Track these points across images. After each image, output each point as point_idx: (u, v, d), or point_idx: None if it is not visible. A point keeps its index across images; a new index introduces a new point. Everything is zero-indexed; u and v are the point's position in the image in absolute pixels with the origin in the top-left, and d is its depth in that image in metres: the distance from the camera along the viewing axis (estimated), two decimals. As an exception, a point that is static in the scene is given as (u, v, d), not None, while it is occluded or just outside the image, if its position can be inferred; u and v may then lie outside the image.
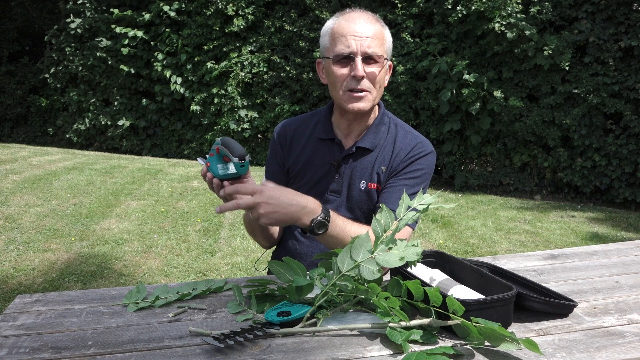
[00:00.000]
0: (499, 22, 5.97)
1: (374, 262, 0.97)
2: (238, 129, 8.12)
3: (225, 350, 0.90)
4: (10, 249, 3.83)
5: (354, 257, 0.98)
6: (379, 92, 1.40)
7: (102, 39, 8.87)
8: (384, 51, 1.38)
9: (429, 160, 1.45)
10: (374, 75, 1.36)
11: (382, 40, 1.37)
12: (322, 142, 1.49)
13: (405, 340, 0.90)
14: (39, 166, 7.10)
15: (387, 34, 1.41)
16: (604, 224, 5.13)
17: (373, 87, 1.37)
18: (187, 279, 3.42)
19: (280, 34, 7.93)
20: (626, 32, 5.82)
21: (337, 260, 0.99)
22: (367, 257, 0.97)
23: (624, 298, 1.15)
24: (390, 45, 1.42)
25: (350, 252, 0.98)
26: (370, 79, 1.36)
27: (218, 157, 1.19)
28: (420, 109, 6.85)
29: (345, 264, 0.98)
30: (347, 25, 1.35)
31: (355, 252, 0.98)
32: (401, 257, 0.97)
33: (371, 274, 0.96)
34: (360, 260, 0.97)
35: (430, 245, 4.28)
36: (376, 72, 1.36)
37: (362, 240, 0.99)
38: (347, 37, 1.34)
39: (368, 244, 0.99)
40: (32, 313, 1.08)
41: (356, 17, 1.37)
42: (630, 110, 5.81)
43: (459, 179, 6.70)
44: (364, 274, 0.96)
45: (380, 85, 1.40)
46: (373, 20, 1.38)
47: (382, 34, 1.38)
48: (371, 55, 1.34)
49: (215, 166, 1.19)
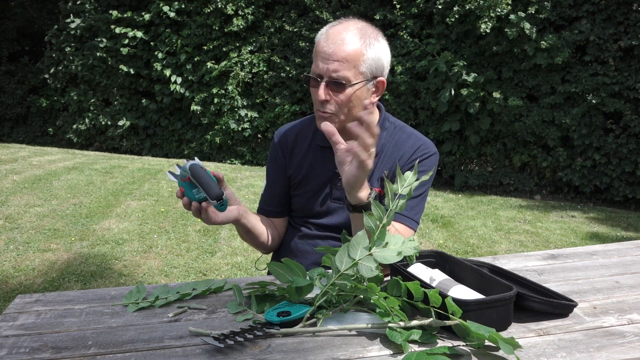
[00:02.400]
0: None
1: (372, 260, 0.97)
2: (238, 129, 8.12)
3: (225, 350, 0.90)
4: (10, 249, 3.83)
5: (352, 255, 0.98)
6: (348, 114, 1.34)
7: (102, 39, 8.87)
8: (357, 73, 1.30)
9: (433, 161, 1.45)
10: (338, 100, 1.31)
11: (355, 62, 1.29)
12: (323, 149, 1.47)
13: (405, 340, 0.90)
14: (39, 166, 7.10)
15: (370, 52, 1.31)
16: (604, 224, 5.13)
17: (340, 110, 1.33)
18: (187, 279, 3.42)
19: (280, 34, 7.93)
20: (626, 32, 5.82)
21: (336, 259, 0.99)
22: (365, 255, 0.97)
23: (624, 298, 1.15)
24: (374, 63, 1.32)
25: (348, 250, 0.99)
26: (336, 103, 1.32)
27: (191, 184, 1.17)
28: (419, 109, 6.85)
29: (343, 262, 0.98)
30: (322, 44, 1.31)
31: (353, 250, 0.98)
32: (398, 252, 0.97)
33: (370, 271, 0.96)
34: (359, 258, 0.97)
35: (430, 245, 4.28)
36: (342, 97, 1.30)
37: (359, 239, 0.99)
38: (318, 57, 1.31)
39: (365, 242, 0.99)
40: (32, 313, 1.08)
41: (333, 35, 1.30)
42: (630, 109, 5.81)
43: (459, 179, 6.70)
44: (363, 272, 0.96)
45: (349, 109, 1.33)
46: (353, 39, 1.29)
47: (357, 55, 1.29)
48: (335, 79, 1.28)
49: (190, 192, 1.18)
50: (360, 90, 1.33)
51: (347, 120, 1.36)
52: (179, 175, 1.20)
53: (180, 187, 1.19)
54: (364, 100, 1.34)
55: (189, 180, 1.17)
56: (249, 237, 1.47)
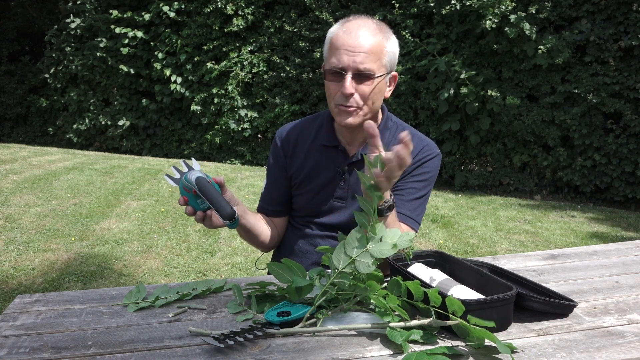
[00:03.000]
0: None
1: (368, 255, 0.97)
2: (238, 129, 8.12)
3: (225, 350, 0.90)
4: (10, 249, 3.83)
5: (348, 253, 0.98)
6: (372, 107, 1.36)
7: (102, 39, 8.87)
8: (380, 66, 1.32)
9: (436, 163, 1.46)
10: (364, 93, 1.31)
11: (379, 54, 1.31)
12: (326, 149, 1.47)
13: (405, 340, 0.90)
14: (39, 166, 7.10)
15: (389, 46, 1.34)
16: (604, 224, 5.13)
17: (364, 103, 1.33)
18: (187, 279, 3.42)
19: (280, 34, 7.93)
20: (626, 32, 5.82)
21: (333, 258, 0.99)
22: (361, 251, 0.98)
23: (624, 298, 1.15)
24: (392, 57, 1.36)
25: (344, 248, 0.99)
26: (361, 96, 1.32)
27: (195, 195, 1.15)
28: (419, 109, 6.85)
29: (341, 260, 0.98)
30: (343, 37, 1.30)
31: (349, 247, 0.99)
32: (394, 245, 0.98)
33: (367, 267, 0.96)
34: (355, 255, 0.98)
35: (430, 245, 4.28)
36: (367, 89, 1.31)
37: (354, 236, 0.99)
38: (340, 51, 1.30)
39: (362, 239, 0.99)
40: (32, 313, 1.08)
41: (354, 29, 1.30)
42: (630, 109, 5.81)
43: (459, 179, 6.70)
44: (360, 268, 0.97)
45: (374, 101, 1.34)
46: (374, 32, 1.31)
47: (380, 47, 1.31)
48: (362, 71, 1.29)
49: (194, 202, 1.16)
50: (382, 83, 1.35)
51: (370, 113, 1.36)
52: (180, 183, 1.17)
53: (183, 196, 1.17)
54: (383, 94, 1.37)
55: (194, 193, 1.14)
56: (249, 237, 1.47)
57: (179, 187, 1.18)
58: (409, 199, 1.43)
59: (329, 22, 7.27)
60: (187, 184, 1.15)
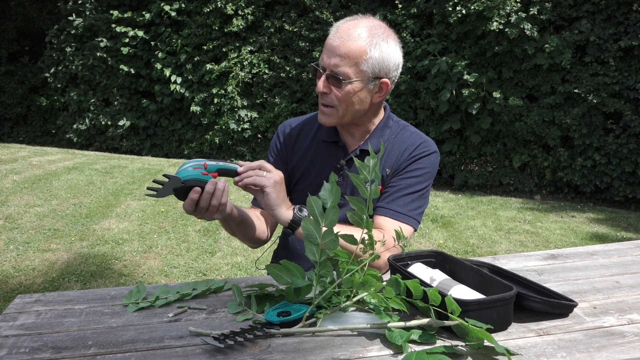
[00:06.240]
0: (497, 20, 5.97)
1: (331, 232, 0.98)
2: (238, 129, 8.12)
3: (225, 350, 0.91)
4: (10, 249, 3.83)
5: (314, 241, 0.99)
6: (348, 110, 1.35)
7: (102, 39, 8.87)
8: (358, 71, 1.30)
9: (432, 160, 1.44)
10: (337, 95, 1.32)
11: (357, 59, 1.28)
12: (326, 144, 1.49)
13: (405, 340, 0.90)
14: (39, 166, 7.10)
15: (373, 53, 1.30)
16: (604, 224, 5.13)
17: (339, 104, 1.33)
18: (187, 279, 3.42)
19: (280, 34, 7.93)
20: (626, 32, 5.82)
21: (307, 253, 0.99)
22: (322, 233, 0.98)
23: (624, 298, 1.15)
24: (378, 63, 1.31)
25: (309, 240, 0.99)
26: (336, 97, 1.33)
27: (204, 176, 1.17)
28: (419, 109, 6.85)
29: (314, 252, 0.99)
30: (331, 37, 1.32)
31: (311, 236, 0.99)
32: (334, 207, 0.99)
33: (333, 243, 0.97)
34: (322, 240, 0.98)
35: (430, 245, 4.28)
36: (339, 92, 1.31)
37: (309, 226, 0.99)
38: (325, 49, 1.33)
39: (316, 225, 0.99)
40: (32, 313, 1.08)
41: (342, 31, 1.30)
42: (630, 109, 5.81)
43: (459, 179, 6.70)
44: (330, 246, 0.98)
45: (349, 105, 1.34)
46: (357, 37, 1.28)
47: (359, 53, 1.28)
48: (335, 74, 1.30)
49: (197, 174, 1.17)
50: (360, 89, 1.33)
51: (346, 116, 1.37)
52: (189, 177, 1.16)
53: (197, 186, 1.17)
54: (365, 99, 1.36)
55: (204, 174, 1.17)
56: (239, 230, 1.43)
57: (183, 185, 1.16)
58: (400, 194, 1.40)
59: (329, 22, 7.27)
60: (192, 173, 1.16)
